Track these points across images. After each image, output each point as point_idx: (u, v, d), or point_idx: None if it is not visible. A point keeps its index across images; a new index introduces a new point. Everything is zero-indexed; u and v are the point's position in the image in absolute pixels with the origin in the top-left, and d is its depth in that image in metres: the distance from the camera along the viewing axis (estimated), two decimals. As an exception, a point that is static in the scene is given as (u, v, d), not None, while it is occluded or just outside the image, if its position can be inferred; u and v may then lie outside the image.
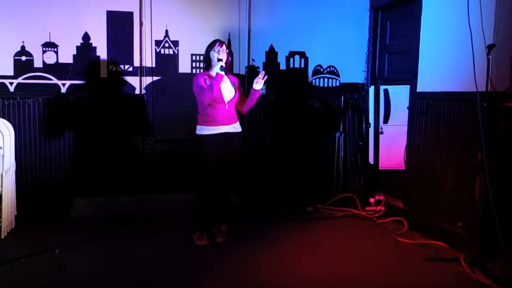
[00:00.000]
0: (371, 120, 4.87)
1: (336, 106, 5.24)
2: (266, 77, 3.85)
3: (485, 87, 3.33)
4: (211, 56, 3.83)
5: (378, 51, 5.23)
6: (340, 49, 5.25)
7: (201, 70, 4.77)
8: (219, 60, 3.78)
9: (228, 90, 3.84)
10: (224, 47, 3.84)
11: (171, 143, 4.87)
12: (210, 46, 3.85)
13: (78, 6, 4.60)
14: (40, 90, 4.58)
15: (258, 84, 3.85)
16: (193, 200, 4.05)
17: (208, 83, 3.77)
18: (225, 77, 3.80)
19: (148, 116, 4.83)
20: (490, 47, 3.28)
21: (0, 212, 3.86)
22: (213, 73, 3.83)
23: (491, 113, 3.36)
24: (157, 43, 4.82)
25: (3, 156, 3.90)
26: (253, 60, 5.06)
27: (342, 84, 5.32)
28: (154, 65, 4.82)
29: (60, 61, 4.62)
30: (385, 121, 4.76)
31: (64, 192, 4.59)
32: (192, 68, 4.90)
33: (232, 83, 3.91)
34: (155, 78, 4.83)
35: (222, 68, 3.75)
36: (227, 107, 3.85)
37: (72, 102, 4.64)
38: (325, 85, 5.30)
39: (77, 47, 4.65)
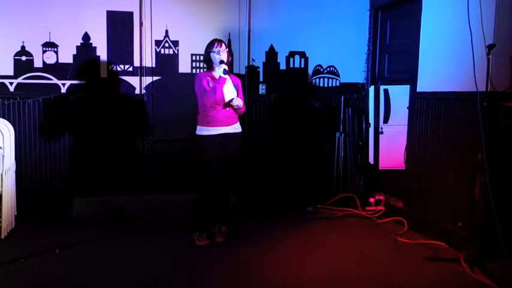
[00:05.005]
0: (371, 120, 4.87)
1: (335, 106, 5.24)
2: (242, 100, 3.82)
3: (485, 87, 3.33)
4: (211, 57, 3.81)
5: (378, 51, 5.23)
6: (340, 49, 5.26)
7: (201, 70, 4.77)
8: (221, 62, 3.75)
9: (230, 92, 3.81)
10: (223, 46, 3.82)
11: (171, 143, 4.88)
12: (209, 47, 3.82)
13: (78, 6, 4.61)
14: (40, 90, 4.58)
15: (238, 103, 3.79)
16: (193, 200, 4.05)
17: (211, 85, 3.75)
18: (228, 79, 3.79)
19: (149, 116, 4.83)
20: (490, 47, 3.28)
21: (0, 212, 3.86)
22: (215, 74, 3.81)
23: (491, 113, 3.36)
24: (157, 43, 4.82)
25: (3, 156, 3.90)
26: (253, 60, 5.06)
27: (342, 84, 5.33)
28: (154, 65, 4.82)
29: (60, 61, 4.62)
30: (385, 121, 4.77)
31: (64, 192, 4.59)
32: (192, 68, 4.90)
33: (235, 85, 3.89)
34: (155, 78, 4.83)
35: (225, 72, 3.71)
36: (227, 108, 3.84)
37: (72, 102, 4.64)
38: (325, 85, 5.30)
39: (77, 47, 4.65)
